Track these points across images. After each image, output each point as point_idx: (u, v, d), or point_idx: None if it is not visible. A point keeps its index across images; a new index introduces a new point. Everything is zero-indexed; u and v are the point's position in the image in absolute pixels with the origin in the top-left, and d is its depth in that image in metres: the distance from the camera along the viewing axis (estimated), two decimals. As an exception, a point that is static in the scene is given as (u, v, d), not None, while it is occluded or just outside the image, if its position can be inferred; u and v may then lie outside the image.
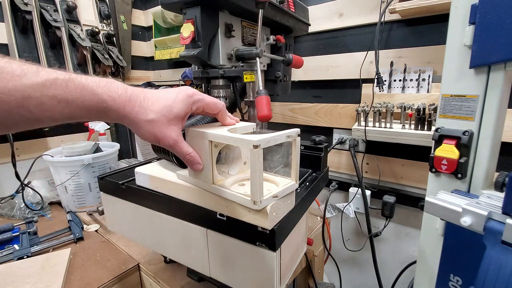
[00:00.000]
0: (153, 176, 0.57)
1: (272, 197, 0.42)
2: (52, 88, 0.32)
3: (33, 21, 1.20)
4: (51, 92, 0.32)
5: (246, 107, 0.91)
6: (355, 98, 1.10)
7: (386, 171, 1.07)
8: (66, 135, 1.48)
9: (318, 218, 1.09)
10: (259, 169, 0.38)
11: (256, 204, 0.40)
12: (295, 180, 0.45)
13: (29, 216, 1.10)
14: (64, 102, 0.33)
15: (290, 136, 0.43)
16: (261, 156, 0.38)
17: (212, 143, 0.45)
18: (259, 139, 0.38)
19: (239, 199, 0.43)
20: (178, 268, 0.79)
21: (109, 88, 0.37)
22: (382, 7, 0.94)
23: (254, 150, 0.37)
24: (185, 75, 1.33)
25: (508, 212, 0.39)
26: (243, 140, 0.40)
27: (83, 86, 0.34)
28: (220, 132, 0.44)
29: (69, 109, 0.34)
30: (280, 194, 0.43)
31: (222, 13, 0.66)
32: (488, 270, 0.39)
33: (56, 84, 0.33)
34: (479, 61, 0.46)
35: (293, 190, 0.46)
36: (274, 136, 0.41)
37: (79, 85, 0.34)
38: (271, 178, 0.48)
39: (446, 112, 0.53)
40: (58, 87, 0.33)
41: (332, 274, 1.24)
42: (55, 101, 0.33)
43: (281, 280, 0.50)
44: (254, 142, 0.37)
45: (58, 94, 0.33)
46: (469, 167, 0.51)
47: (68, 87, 0.33)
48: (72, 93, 0.33)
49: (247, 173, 0.51)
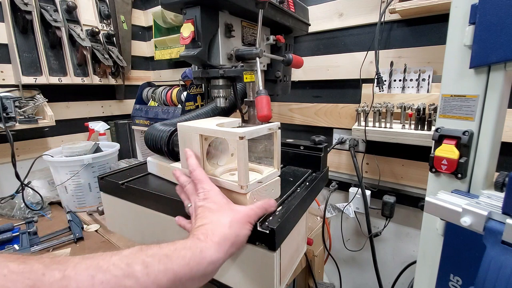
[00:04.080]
0: (159, 164, 0.65)
1: (257, 182, 0.48)
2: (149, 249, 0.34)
3: (33, 21, 1.20)
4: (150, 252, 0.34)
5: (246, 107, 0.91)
6: (355, 98, 1.10)
7: (386, 171, 1.07)
8: (66, 135, 1.48)
9: (318, 218, 1.09)
10: (245, 157, 0.44)
11: (243, 188, 0.45)
12: (277, 168, 0.52)
13: (29, 216, 1.10)
14: (164, 258, 0.34)
15: (271, 129, 0.50)
16: (246, 147, 0.44)
17: (202, 136, 0.50)
18: (244, 131, 0.43)
19: (228, 185, 0.48)
20: (178, 268, 0.79)
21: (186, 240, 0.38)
22: (382, 7, 0.94)
23: (240, 141, 0.43)
24: (185, 75, 1.33)
25: (508, 212, 0.39)
26: (231, 132, 0.45)
27: (172, 242, 0.36)
28: (209, 127, 0.49)
29: (171, 263, 0.34)
30: (264, 180, 0.50)
31: (222, 13, 0.66)
32: (488, 270, 0.39)
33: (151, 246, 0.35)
34: (479, 61, 0.46)
35: (277, 178, 0.53)
36: (257, 129, 0.47)
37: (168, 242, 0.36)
38: (257, 167, 0.55)
39: (446, 112, 0.53)
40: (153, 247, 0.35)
41: (332, 274, 1.24)
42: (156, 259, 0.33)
43: (281, 280, 0.50)
44: (240, 134, 0.43)
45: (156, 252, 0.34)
46: (469, 167, 0.51)
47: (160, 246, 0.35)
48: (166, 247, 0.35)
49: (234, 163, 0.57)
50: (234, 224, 0.40)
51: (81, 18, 1.36)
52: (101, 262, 0.30)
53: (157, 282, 0.32)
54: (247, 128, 0.47)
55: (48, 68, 1.27)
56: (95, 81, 1.45)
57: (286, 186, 0.59)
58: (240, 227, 0.41)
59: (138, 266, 0.31)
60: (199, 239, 0.38)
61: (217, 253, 0.37)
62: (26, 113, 1.20)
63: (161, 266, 0.32)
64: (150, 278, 0.31)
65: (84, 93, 1.52)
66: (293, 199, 0.53)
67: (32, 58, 1.24)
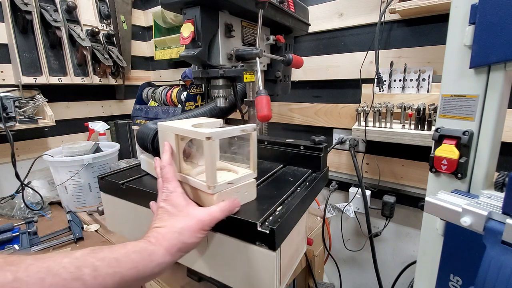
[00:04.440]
0: (148, 161, 0.66)
1: (227, 183, 0.46)
2: (100, 251, 0.36)
3: (33, 21, 1.20)
4: (100, 255, 0.35)
5: (246, 107, 0.91)
6: (355, 98, 1.10)
7: (386, 171, 1.07)
8: (66, 135, 1.48)
9: (318, 218, 1.09)
10: (212, 158, 0.43)
11: (210, 188, 0.44)
12: (253, 170, 0.50)
13: (29, 216, 1.10)
14: (114, 261, 0.35)
15: (245, 130, 0.47)
16: (214, 147, 0.43)
17: (178, 136, 0.50)
18: (211, 131, 0.43)
19: (197, 184, 0.48)
20: (178, 268, 0.79)
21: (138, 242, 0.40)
22: (382, 7, 0.94)
23: (207, 142, 0.42)
24: (185, 75, 1.33)
25: (508, 212, 0.39)
26: (199, 133, 0.44)
27: (123, 244, 0.39)
28: (183, 126, 0.49)
29: (120, 266, 0.35)
30: (235, 181, 0.48)
31: (222, 13, 0.66)
32: (488, 270, 0.39)
33: (102, 248, 0.36)
34: (479, 61, 0.46)
35: (251, 180, 0.50)
36: (227, 130, 0.46)
37: (119, 244, 0.39)
38: (235, 169, 0.53)
39: (446, 112, 0.53)
40: (105, 249, 0.36)
41: (332, 274, 1.24)
42: (105, 262, 0.35)
43: (281, 280, 0.50)
44: (207, 135, 0.42)
45: (106, 256, 0.35)
46: (469, 167, 0.51)
47: (112, 248, 0.37)
48: (117, 250, 0.37)
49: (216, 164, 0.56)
50: (184, 232, 0.42)
51: (81, 18, 1.37)
52: (52, 265, 0.31)
53: (103, 284, 0.33)
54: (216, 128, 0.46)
55: (48, 68, 1.27)
56: (95, 81, 1.45)
57: (286, 186, 0.59)
58: (190, 236, 0.42)
59: (87, 269, 0.33)
60: (150, 242, 0.40)
61: (164, 257, 0.40)
62: (26, 113, 1.21)
63: (109, 269, 0.34)
64: (97, 281, 0.33)
65: (84, 93, 1.52)
66: (293, 199, 0.53)
67: (32, 58, 1.24)
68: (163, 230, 0.42)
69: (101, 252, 0.35)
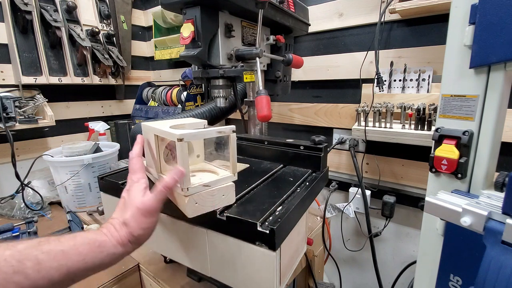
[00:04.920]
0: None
1: (202, 185, 0.45)
2: (46, 243, 0.35)
3: (33, 21, 1.20)
4: (46, 248, 0.34)
5: (246, 107, 0.91)
6: (355, 98, 1.10)
7: (386, 171, 1.07)
8: (66, 135, 1.48)
9: (318, 218, 1.09)
10: (184, 159, 0.42)
11: (183, 190, 0.43)
12: (233, 173, 0.48)
13: (29, 216, 1.10)
14: (60, 254, 0.35)
15: (222, 132, 0.46)
16: (186, 148, 0.42)
17: (158, 137, 0.50)
18: (182, 133, 0.42)
19: None
20: (178, 268, 0.79)
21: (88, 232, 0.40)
22: (382, 7, 0.94)
23: (178, 143, 0.42)
24: (185, 75, 1.33)
25: (508, 212, 0.39)
26: (171, 133, 0.44)
27: (72, 235, 0.38)
28: (160, 127, 0.48)
29: (67, 259, 0.35)
30: (212, 184, 0.46)
31: (222, 13, 0.66)
32: (488, 270, 0.39)
33: (49, 239, 0.36)
34: (479, 61, 0.46)
35: (230, 183, 0.48)
36: (200, 132, 0.45)
37: (69, 235, 0.38)
38: (217, 170, 0.51)
39: (446, 112, 0.53)
40: (52, 241, 0.36)
41: (332, 274, 1.24)
42: (51, 255, 0.34)
43: (281, 280, 0.50)
44: (178, 136, 0.41)
45: (52, 248, 0.35)
46: (469, 167, 0.51)
47: (59, 240, 0.37)
48: (65, 242, 0.36)
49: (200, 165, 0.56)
50: (130, 223, 0.41)
51: (81, 18, 1.37)
52: None
53: (48, 277, 0.33)
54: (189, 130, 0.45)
55: (48, 68, 1.27)
56: (95, 81, 1.45)
57: (286, 186, 0.59)
58: (136, 227, 0.41)
59: (29, 263, 0.32)
60: (102, 233, 0.40)
61: (115, 248, 0.40)
62: (26, 113, 1.20)
63: (54, 263, 0.34)
64: (40, 274, 0.33)
65: (84, 93, 1.52)
66: (293, 199, 0.53)
67: (32, 58, 1.24)
68: (115, 221, 0.42)
69: (47, 245, 0.35)
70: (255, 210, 0.48)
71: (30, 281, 0.32)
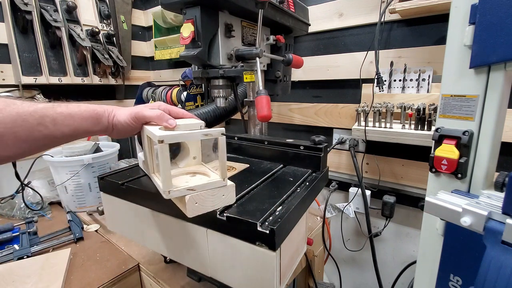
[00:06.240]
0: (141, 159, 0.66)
1: (186, 189, 0.43)
2: (58, 107, 0.46)
3: (33, 21, 1.20)
4: (59, 110, 0.46)
5: (246, 107, 0.91)
6: (355, 98, 1.10)
7: (386, 171, 1.07)
8: (66, 135, 1.48)
9: (318, 218, 1.09)
10: (164, 161, 0.41)
11: (165, 193, 0.42)
12: (222, 177, 0.46)
13: (29, 216, 1.10)
14: (69, 116, 0.46)
15: (209, 135, 0.45)
16: (166, 150, 0.41)
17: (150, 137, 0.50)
18: (163, 134, 0.42)
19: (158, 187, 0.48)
20: (178, 268, 0.79)
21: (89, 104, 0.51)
22: (382, 7, 0.94)
23: (159, 145, 0.41)
24: (185, 75, 1.33)
25: (508, 212, 0.39)
26: (153, 134, 0.44)
27: (77, 104, 0.49)
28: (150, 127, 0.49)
29: (73, 120, 0.47)
30: (198, 188, 0.44)
31: (222, 13, 0.66)
32: (488, 270, 0.39)
33: (60, 104, 0.47)
34: (479, 61, 0.46)
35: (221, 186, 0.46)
36: (182, 134, 0.44)
37: (74, 103, 0.49)
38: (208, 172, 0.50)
39: (446, 112, 0.53)
40: (62, 106, 0.47)
41: (332, 274, 1.24)
42: (63, 116, 0.45)
43: (281, 280, 0.50)
44: (158, 137, 0.41)
45: (64, 111, 0.46)
46: (469, 167, 0.51)
47: (68, 106, 0.48)
48: (72, 108, 0.47)
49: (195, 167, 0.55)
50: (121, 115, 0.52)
51: (81, 18, 1.37)
52: (21, 111, 0.42)
53: (61, 131, 0.46)
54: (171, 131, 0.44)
55: (48, 68, 1.27)
56: (95, 81, 1.45)
57: (286, 186, 0.59)
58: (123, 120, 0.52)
59: (48, 119, 0.44)
60: (105, 110, 0.52)
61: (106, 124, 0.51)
62: (26, 113, 1.20)
63: (65, 121, 0.46)
64: (56, 127, 0.45)
65: (84, 93, 1.52)
66: (293, 199, 0.53)
67: (32, 58, 1.24)
68: (119, 111, 0.53)
69: (59, 108, 0.46)
70: (255, 210, 0.48)
71: (48, 131, 0.44)
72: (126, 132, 0.53)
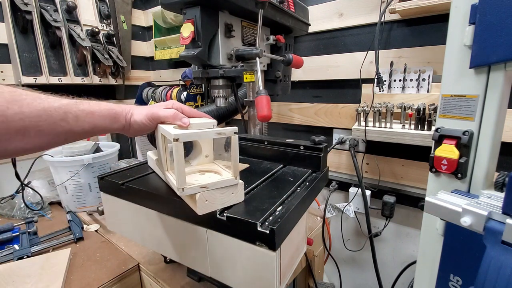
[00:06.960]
0: (151, 158, 0.67)
1: (199, 187, 0.45)
2: (81, 104, 0.48)
3: (33, 21, 1.20)
4: (81, 107, 0.47)
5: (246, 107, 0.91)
6: (355, 98, 1.10)
7: (386, 171, 1.07)
8: (66, 135, 1.48)
9: (318, 218, 1.09)
10: (179, 159, 0.42)
11: (179, 190, 0.44)
12: (234, 176, 0.48)
13: (29, 216, 1.10)
14: (90, 114, 0.48)
15: (222, 133, 0.46)
16: (181, 149, 0.43)
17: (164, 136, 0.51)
18: (178, 133, 0.43)
19: (172, 185, 0.49)
20: (178, 268, 0.79)
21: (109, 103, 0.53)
22: (382, 7, 0.94)
23: (174, 143, 0.42)
24: (185, 75, 1.33)
25: (508, 212, 0.39)
26: (168, 133, 0.45)
27: (98, 102, 0.51)
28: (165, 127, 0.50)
29: (93, 118, 0.48)
30: (210, 186, 0.46)
31: (222, 13, 0.66)
32: (488, 270, 0.39)
33: (83, 101, 0.49)
34: (479, 61, 0.46)
35: (233, 184, 0.48)
36: (197, 132, 0.46)
37: (95, 101, 0.51)
38: (220, 171, 0.52)
39: (446, 112, 0.53)
40: (84, 103, 0.48)
41: (332, 274, 1.24)
42: (84, 113, 0.47)
43: (281, 280, 0.50)
44: (174, 136, 0.42)
45: (85, 108, 0.48)
46: (469, 167, 0.51)
47: (89, 103, 0.49)
48: (93, 106, 0.49)
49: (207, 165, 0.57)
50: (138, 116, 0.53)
51: (81, 18, 1.36)
52: (47, 106, 0.43)
53: (82, 126, 0.47)
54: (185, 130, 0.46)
55: (48, 68, 1.27)
56: (95, 81, 1.45)
57: (286, 186, 0.59)
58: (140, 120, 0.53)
59: (70, 115, 0.46)
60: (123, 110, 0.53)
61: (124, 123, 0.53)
62: (26, 113, 1.20)
63: (86, 118, 0.48)
64: (77, 124, 0.47)
65: (84, 93, 1.51)
66: (293, 199, 0.53)
67: (32, 58, 1.24)
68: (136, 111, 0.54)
69: (81, 105, 0.48)
70: (255, 210, 0.48)
71: (70, 127, 0.46)
72: (142, 131, 0.55)
